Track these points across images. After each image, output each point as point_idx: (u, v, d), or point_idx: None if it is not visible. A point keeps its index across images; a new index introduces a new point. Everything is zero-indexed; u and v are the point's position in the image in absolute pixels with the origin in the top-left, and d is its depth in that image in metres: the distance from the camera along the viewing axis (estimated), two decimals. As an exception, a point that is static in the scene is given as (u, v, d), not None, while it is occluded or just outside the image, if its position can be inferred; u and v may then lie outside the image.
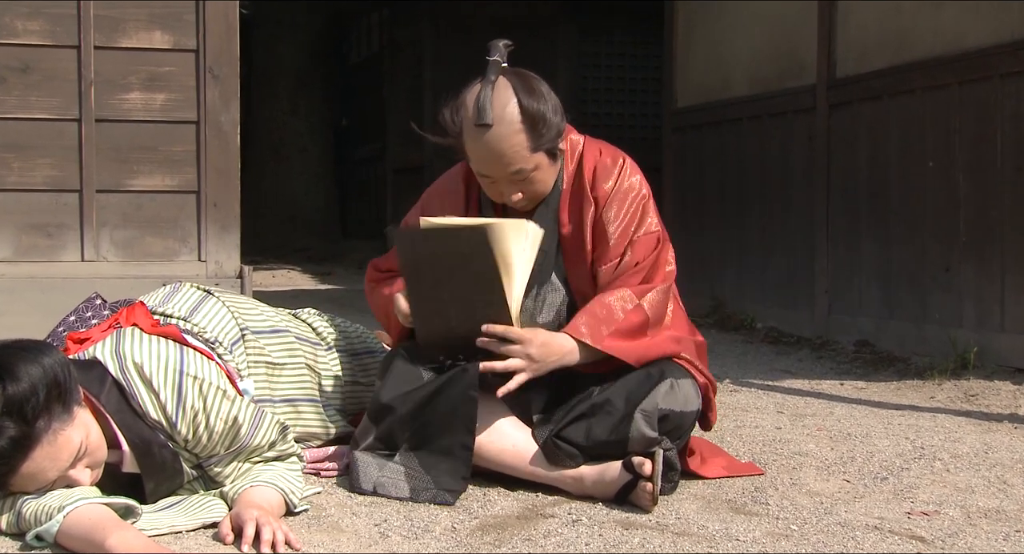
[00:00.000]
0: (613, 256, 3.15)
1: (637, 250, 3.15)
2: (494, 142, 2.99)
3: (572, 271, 3.20)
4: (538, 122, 3.01)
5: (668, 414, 3.01)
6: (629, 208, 3.16)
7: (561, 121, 3.09)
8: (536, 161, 3.05)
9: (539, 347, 2.98)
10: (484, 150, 3.01)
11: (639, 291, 3.11)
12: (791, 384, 5.10)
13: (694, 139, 7.75)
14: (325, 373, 3.39)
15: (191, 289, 3.24)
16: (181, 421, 2.75)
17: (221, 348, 3.09)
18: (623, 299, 3.09)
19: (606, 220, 3.15)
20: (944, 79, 5.51)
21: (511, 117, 2.99)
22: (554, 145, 3.09)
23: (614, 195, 3.16)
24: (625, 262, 3.14)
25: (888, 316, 5.87)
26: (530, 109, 3.01)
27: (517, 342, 2.96)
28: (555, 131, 3.06)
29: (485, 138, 3.00)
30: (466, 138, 3.04)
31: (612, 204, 3.15)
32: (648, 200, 3.20)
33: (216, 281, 4.66)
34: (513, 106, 3.00)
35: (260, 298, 3.67)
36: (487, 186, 3.13)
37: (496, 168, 3.04)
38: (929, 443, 3.76)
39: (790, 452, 3.61)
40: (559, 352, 3.02)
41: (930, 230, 5.61)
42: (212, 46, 4.73)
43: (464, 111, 3.04)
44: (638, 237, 3.16)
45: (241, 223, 4.81)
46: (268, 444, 2.90)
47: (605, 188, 3.16)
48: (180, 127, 4.75)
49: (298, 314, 3.53)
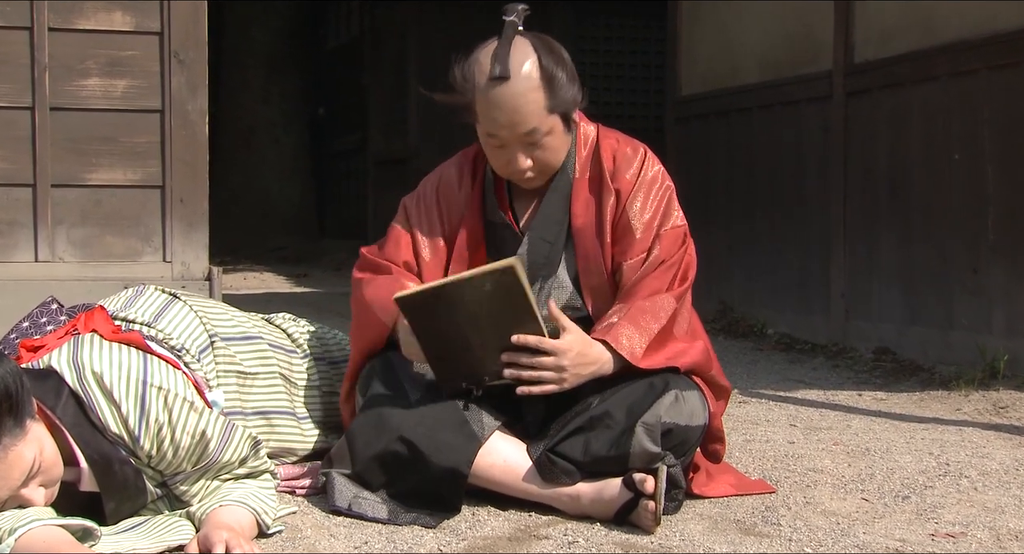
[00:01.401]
0: (639, 251, 3.17)
1: (664, 245, 3.18)
2: (510, 96, 3.02)
3: (583, 265, 3.21)
4: (557, 81, 3.06)
5: (672, 428, 3.01)
6: (654, 200, 3.20)
7: (579, 90, 3.13)
8: (551, 124, 3.08)
9: (574, 358, 2.98)
10: (498, 105, 3.04)
11: (676, 295, 3.15)
12: (805, 395, 5.11)
13: (699, 130, 7.75)
14: (301, 383, 3.39)
15: (155, 292, 3.24)
16: (144, 435, 2.74)
17: (188, 356, 3.08)
18: (663, 307, 3.11)
19: (631, 213, 3.18)
20: (972, 64, 5.52)
21: (529, 72, 3.03)
22: (570, 110, 3.13)
23: (639, 186, 3.19)
24: (653, 258, 3.16)
25: (910, 321, 5.88)
26: (549, 67, 3.05)
27: (551, 353, 2.96)
28: (572, 95, 3.11)
29: (501, 91, 3.03)
30: (478, 95, 3.06)
31: (637, 195, 3.18)
32: (673, 192, 3.25)
33: (183, 283, 4.66)
34: (532, 62, 3.04)
35: (230, 302, 3.67)
36: (494, 153, 3.13)
37: (509, 127, 3.06)
38: (955, 459, 3.77)
39: (804, 468, 3.61)
40: (596, 361, 3.02)
41: (956, 228, 5.61)
42: (178, 28, 4.73)
43: (478, 67, 3.07)
44: (665, 231, 3.19)
45: (210, 221, 4.81)
46: (239, 460, 2.89)
47: (627, 177, 3.20)
48: (143, 116, 4.75)
49: (272, 319, 3.53)
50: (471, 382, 3.01)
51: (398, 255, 3.28)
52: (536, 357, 2.95)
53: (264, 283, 10.48)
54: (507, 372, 2.95)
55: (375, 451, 3.01)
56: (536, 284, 3.20)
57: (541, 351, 2.95)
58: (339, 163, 14.63)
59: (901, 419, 4.54)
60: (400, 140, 12.19)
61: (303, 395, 3.38)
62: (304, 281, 10.64)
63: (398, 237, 3.31)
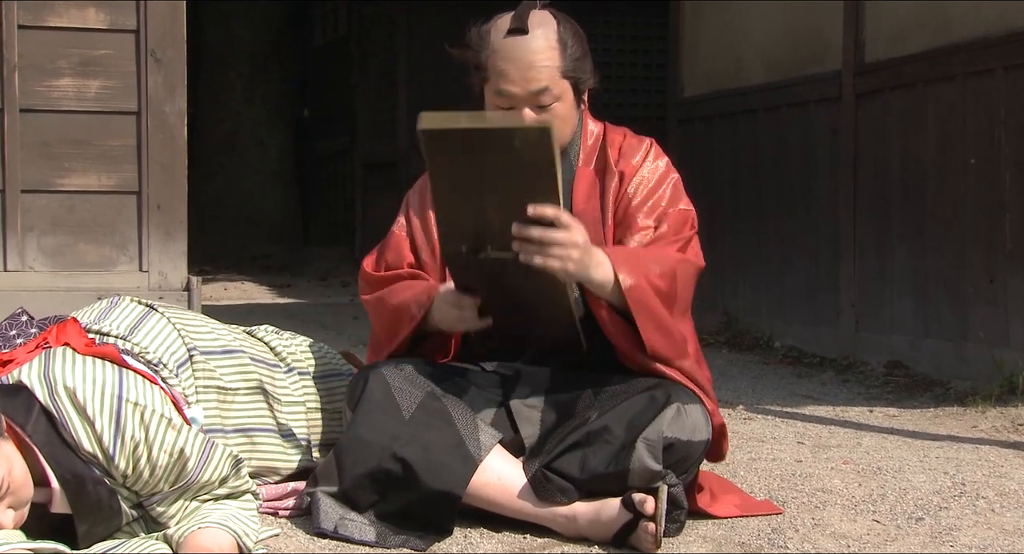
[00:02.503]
0: (643, 227, 3.22)
1: (671, 224, 3.24)
2: (525, 51, 3.14)
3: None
4: (573, 48, 3.19)
5: (674, 443, 3.01)
6: (659, 185, 3.27)
7: (592, 70, 3.25)
8: (562, 89, 3.17)
9: (586, 242, 2.94)
10: (513, 59, 3.14)
11: (678, 257, 3.17)
12: (813, 411, 5.11)
13: (703, 132, 7.76)
14: (284, 399, 3.38)
15: (131, 304, 3.24)
16: (120, 454, 2.74)
17: (166, 371, 3.08)
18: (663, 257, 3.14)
19: (634, 194, 3.25)
20: (988, 64, 5.52)
21: (547, 32, 3.17)
22: (582, 82, 3.23)
23: (643, 170, 3.28)
24: (659, 233, 3.22)
25: (923, 334, 5.88)
26: (567, 34, 3.19)
27: (566, 228, 2.88)
28: (587, 68, 3.23)
29: (516, 45, 3.14)
30: (493, 50, 3.17)
31: (641, 179, 3.27)
32: (680, 183, 3.32)
33: (160, 294, 4.65)
34: (551, 25, 3.19)
35: (210, 314, 3.66)
36: None
37: (521, 83, 3.14)
38: (971, 479, 3.77)
39: (812, 488, 3.61)
40: (601, 263, 3.01)
41: (971, 236, 5.62)
42: (155, 26, 4.73)
43: (495, 25, 3.20)
44: (672, 211, 3.25)
45: (189, 228, 4.80)
46: (219, 480, 2.89)
47: (633, 163, 3.29)
48: (118, 118, 4.74)
49: (254, 332, 3.52)
50: (473, 247, 2.93)
51: (401, 259, 3.32)
52: (548, 231, 2.87)
53: (246, 293, 10.48)
54: (515, 244, 2.88)
55: (366, 469, 3.01)
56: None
57: (554, 226, 2.88)
58: (325, 167, 14.62)
59: (914, 436, 4.55)
60: (389, 143, 12.18)
61: (287, 411, 3.38)
62: (288, 291, 10.63)
63: (398, 242, 3.36)
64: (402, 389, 3.10)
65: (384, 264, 3.36)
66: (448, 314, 3.11)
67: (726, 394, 5.27)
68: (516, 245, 2.88)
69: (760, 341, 6.87)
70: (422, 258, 3.32)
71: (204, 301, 5.02)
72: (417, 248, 3.33)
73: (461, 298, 3.06)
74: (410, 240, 3.35)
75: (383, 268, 3.36)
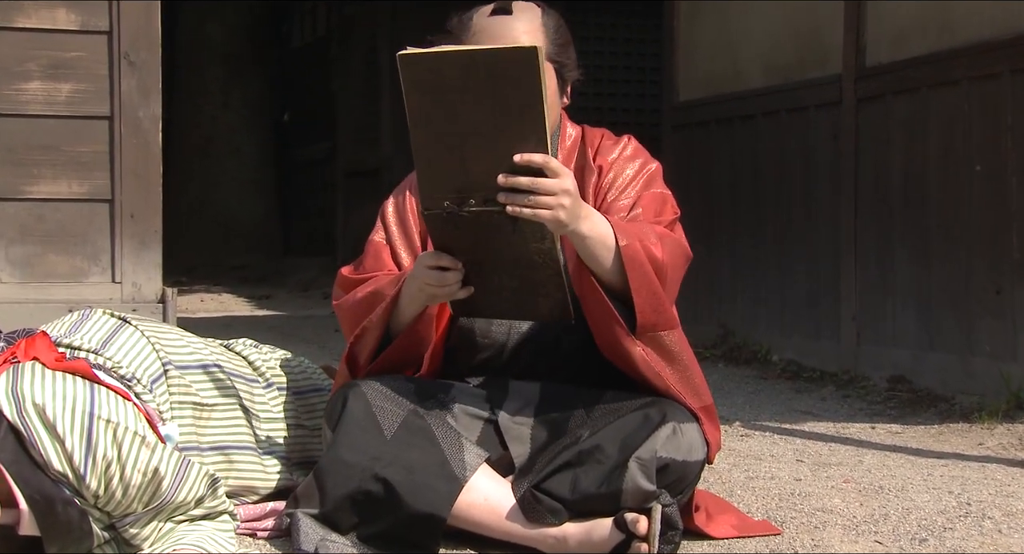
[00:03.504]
0: (621, 208, 3.25)
1: (646, 204, 3.27)
2: (508, 29, 3.21)
3: (568, 253, 3.23)
4: (557, 34, 3.27)
5: (669, 463, 3.02)
6: (637, 174, 3.33)
7: (576, 62, 3.32)
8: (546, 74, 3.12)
9: (575, 188, 2.90)
10: (496, 37, 3.19)
11: (667, 232, 3.18)
12: (813, 427, 5.11)
13: (699, 138, 7.77)
14: (263, 415, 3.39)
15: (103, 317, 3.24)
16: (91, 473, 2.74)
17: (139, 386, 3.08)
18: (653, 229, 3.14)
19: (607, 183, 3.30)
20: (994, 67, 5.54)
21: (531, 16, 3.26)
22: (566, 71, 3.29)
23: (620, 161, 3.33)
24: (636, 213, 3.24)
25: (927, 347, 5.89)
26: (550, 20, 3.28)
27: (555, 175, 2.84)
28: (571, 57, 3.30)
29: (500, 24, 3.22)
30: (475, 31, 3.24)
31: (617, 169, 3.32)
32: (659, 172, 3.37)
33: (133, 306, 4.65)
34: (535, 10, 3.27)
35: (186, 326, 3.67)
36: None
37: None
38: (977, 498, 3.78)
39: (812, 508, 3.61)
40: (590, 214, 2.98)
41: (977, 245, 5.63)
42: (128, 27, 4.73)
43: (477, 12, 3.27)
44: (647, 194, 3.29)
45: (163, 238, 4.80)
46: (195, 500, 2.89)
47: (610, 159, 3.34)
48: (90, 123, 4.74)
49: (231, 346, 3.53)
50: (456, 200, 2.86)
51: (380, 266, 3.32)
52: (537, 179, 2.82)
53: (223, 305, 10.47)
54: (501, 196, 2.82)
55: (347, 490, 3.01)
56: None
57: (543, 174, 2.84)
58: (306, 174, 14.63)
59: (918, 454, 4.55)
60: (373, 149, 12.19)
61: (266, 428, 3.38)
62: (267, 303, 10.63)
63: (377, 249, 3.36)
64: (383, 408, 3.09)
65: (363, 271, 3.35)
66: (428, 277, 2.99)
67: (722, 410, 5.27)
68: (502, 196, 2.81)
69: (758, 355, 6.87)
70: (402, 266, 3.31)
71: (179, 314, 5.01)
72: (397, 257, 3.33)
73: (441, 257, 2.95)
74: (390, 248, 3.35)
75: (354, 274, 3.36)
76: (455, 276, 2.97)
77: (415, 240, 3.32)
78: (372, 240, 3.37)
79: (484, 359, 3.30)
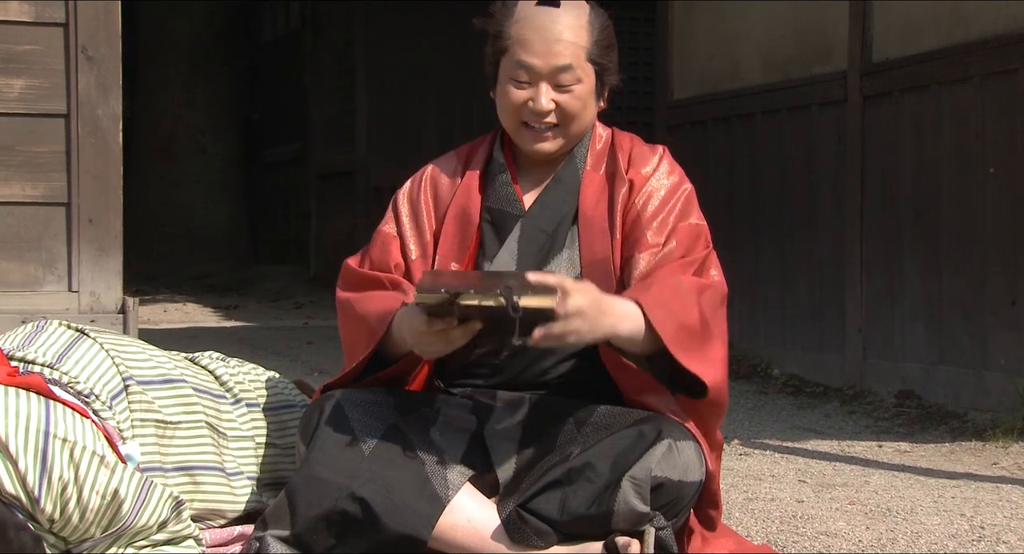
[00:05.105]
0: (653, 244, 3.23)
1: (680, 239, 3.25)
2: (553, 23, 3.22)
3: (588, 261, 3.26)
4: (603, 34, 3.28)
5: (664, 483, 3.02)
6: (671, 196, 3.30)
7: (618, 69, 3.35)
8: (585, 73, 3.24)
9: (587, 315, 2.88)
10: (539, 29, 3.21)
11: (697, 283, 3.17)
12: (816, 446, 5.12)
13: (695, 138, 7.78)
14: (231, 433, 3.38)
15: (60, 328, 3.23)
16: (46, 496, 2.73)
17: (98, 403, 3.07)
18: (686, 289, 3.13)
19: (643, 205, 3.27)
20: (1009, 63, 5.56)
21: (579, 11, 3.26)
22: (606, 73, 3.30)
23: (655, 180, 3.31)
24: (670, 250, 3.23)
25: (938, 361, 5.90)
26: (597, 19, 3.29)
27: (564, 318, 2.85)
28: (613, 59, 3.32)
29: (546, 15, 3.23)
30: (519, 18, 3.25)
31: (651, 189, 3.29)
32: (692, 194, 3.35)
33: (92, 317, 4.64)
34: (585, 8, 3.28)
35: (149, 339, 3.66)
36: (516, 93, 3.23)
37: (544, 56, 3.20)
38: (991, 521, 3.78)
39: (815, 532, 3.62)
40: (613, 313, 2.97)
41: (991, 252, 5.64)
42: (86, 19, 4.72)
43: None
44: (682, 225, 3.27)
45: (124, 244, 4.79)
46: (157, 524, 2.89)
47: (643, 173, 3.32)
48: (45, 122, 4.73)
49: (197, 359, 3.52)
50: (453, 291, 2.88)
51: (387, 258, 3.31)
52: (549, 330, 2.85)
53: (188, 316, 10.46)
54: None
55: (321, 510, 3.00)
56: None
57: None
58: (275, 176, 14.62)
59: (928, 474, 4.56)
60: (347, 150, 12.18)
61: (233, 448, 3.37)
62: (235, 314, 10.62)
63: (386, 241, 3.35)
64: (361, 422, 3.09)
65: (369, 262, 3.35)
66: (414, 339, 3.03)
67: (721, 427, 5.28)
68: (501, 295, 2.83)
69: (758, 369, 6.88)
70: (410, 259, 3.30)
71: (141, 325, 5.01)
72: (406, 249, 3.32)
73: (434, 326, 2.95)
74: (400, 240, 3.34)
75: (367, 267, 3.35)
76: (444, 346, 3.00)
77: (427, 236, 3.32)
78: (381, 230, 3.38)
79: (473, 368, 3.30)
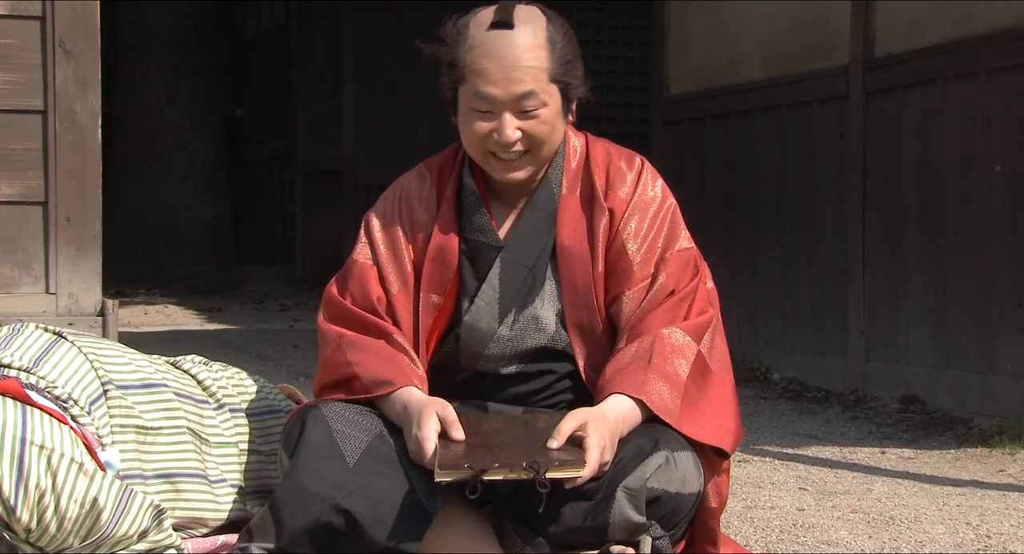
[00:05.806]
0: (640, 279, 3.20)
1: (671, 271, 3.21)
2: (509, 48, 3.11)
3: (570, 298, 3.22)
4: (563, 49, 3.18)
5: (660, 495, 3.01)
6: (655, 220, 3.25)
7: (583, 77, 3.26)
8: (549, 95, 3.15)
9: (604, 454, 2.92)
10: (495, 56, 3.11)
11: (694, 331, 3.18)
12: (817, 452, 5.12)
13: (692, 135, 7.78)
14: (214, 440, 3.37)
15: (36, 331, 3.22)
16: (22, 505, 2.72)
17: (76, 408, 3.06)
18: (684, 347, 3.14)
19: (626, 235, 3.22)
20: (1017, 57, 5.56)
21: (535, 29, 3.15)
22: (571, 90, 3.23)
23: (636, 204, 3.24)
24: (658, 287, 3.19)
25: (943, 365, 5.90)
26: (556, 33, 3.18)
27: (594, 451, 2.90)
28: (577, 73, 3.24)
29: (500, 40, 3.12)
30: (472, 45, 3.13)
31: (633, 215, 3.23)
32: (676, 211, 3.30)
33: (70, 320, 4.63)
34: (540, 21, 3.17)
35: (129, 342, 3.65)
36: (477, 124, 3.15)
37: (504, 84, 3.11)
38: (997, 530, 3.78)
39: (816, 541, 3.62)
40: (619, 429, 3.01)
41: (998, 253, 5.65)
42: (64, 12, 4.72)
43: (475, 18, 3.16)
44: (670, 254, 3.23)
45: (103, 244, 4.78)
46: (137, 534, 2.88)
47: (621, 196, 3.25)
48: (21, 118, 4.73)
49: (179, 363, 3.51)
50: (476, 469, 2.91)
51: (368, 291, 3.24)
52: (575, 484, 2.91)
53: (170, 319, 10.46)
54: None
55: (305, 522, 3.00)
56: (509, 317, 3.20)
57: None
58: (260, 175, 14.62)
59: (932, 482, 4.56)
60: (333, 148, 12.18)
61: (216, 454, 3.37)
62: (219, 316, 10.61)
63: (362, 272, 3.27)
64: (345, 432, 3.07)
65: (351, 297, 3.29)
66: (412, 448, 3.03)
67: (719, 434, 5.27)
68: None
69: (757, 373, 6.88)
70: (391, 293, 3.25)
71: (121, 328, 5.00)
72: (386, 281, 3.27)
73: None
74: (377, 269, 3.29)
75: (349, 301, 3.29)
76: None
77: (406, 265, 3.25)
78: (356, 260, 3.30)
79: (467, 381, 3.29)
